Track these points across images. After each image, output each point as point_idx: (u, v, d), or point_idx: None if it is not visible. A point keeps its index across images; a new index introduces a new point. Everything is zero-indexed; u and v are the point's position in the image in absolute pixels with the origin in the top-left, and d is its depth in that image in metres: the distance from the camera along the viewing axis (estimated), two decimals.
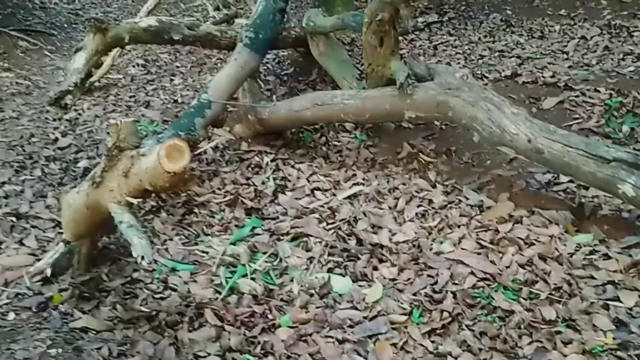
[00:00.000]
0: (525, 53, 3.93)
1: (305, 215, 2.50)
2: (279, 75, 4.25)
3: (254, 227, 2.41)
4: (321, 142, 3.25)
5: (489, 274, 1.96)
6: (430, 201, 2.53)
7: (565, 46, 4.00)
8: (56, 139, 3.63)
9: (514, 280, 1.92)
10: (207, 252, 2.25)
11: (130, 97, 4.37)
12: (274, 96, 3.11)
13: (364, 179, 2.79)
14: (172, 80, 4.71)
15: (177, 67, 5.13)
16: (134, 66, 5.29)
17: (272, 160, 3.08)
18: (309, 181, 2.81)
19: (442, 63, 3.89)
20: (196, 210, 2.63)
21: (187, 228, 2.46)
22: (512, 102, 2.41)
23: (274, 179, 2.88)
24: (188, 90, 4.37)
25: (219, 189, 2.84)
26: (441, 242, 2.23)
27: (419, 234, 2.30)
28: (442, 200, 2.52)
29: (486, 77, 3.57)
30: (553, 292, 1.83)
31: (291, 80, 4.13)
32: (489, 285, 1.92)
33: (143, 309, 1.86)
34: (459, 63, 3.89)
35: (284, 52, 4.69)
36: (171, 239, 2.38)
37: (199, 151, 3.22)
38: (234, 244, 2.30)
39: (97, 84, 4.63)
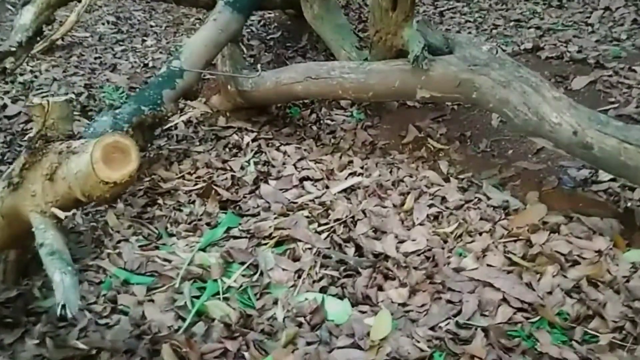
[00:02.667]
0: (545, 24, 3.46)
1: (293, 212, 2.06)
2: (263, 40, 3.74)
3: (229, 228, 1.97)
4: (311, 119, 2.79)
5: (528, 304, 1.54)
6: (444, 199, 2.10)
7: (589, 17, 3.54)
8: (4, 106, 3.11)
9: (560, 313, 1.51)
10: (169, 260, 1.81)
11: (95, 58, 3.83)
12: (259, 65, 2.63)
13: (362, 168, 2.34)
14: (144, 41, 4.17)
15: (152, 26, 4.58)
16: (103, 23, 4.70)
17: (253, 140, 2.62)
18: (296, 168, 2.36)
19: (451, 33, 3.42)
20: (160, 200, 2.17)
21: (147, 225, 2.01)
22: None
23: (255, 163, 2.43)
24: (161, 53, 3.85)
25: (190, 173, 2.38)
26: (460, 254, 1.81)
27: (432, 242, 1.87)
28: (458, 198, 2.09)
29: (503, 51, 3.09)
30: (614, 334, 1.42)
31: (278, 46, 3.62)
32: (528, 319, 1.51)
33: (80, 344, 1.41)
34: (470, 33, 3.42)
35: (270, 13, 4.17)
36: (127, 240, 1.92)
37: (168, 125, 2.75)
38: (203, 249, 1.86)
39: (59, 42, 4.07)
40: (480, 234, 1.91)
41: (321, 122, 2.74)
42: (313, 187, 2.22)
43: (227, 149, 2.57)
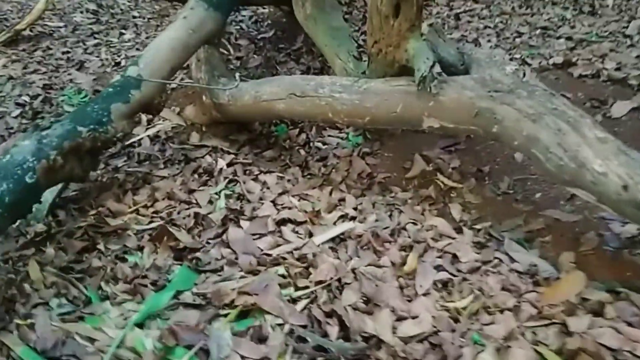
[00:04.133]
0: (576, 33, 3.01)
1: (265, 267, 1.63)
2: (254, 39, 3.30)
3: (179, 291, 1.54)
4: (300, 141, 2.35)
5: None
6: (455, 258, 1.67)
7: (626, 27, 3.08)
8: None
9: None
10: (93, 340, 1.38)
11: (63, 53, 3.41)
12: (237, 74, 2.19)
13: (356, 209, 1.91)
14: (122, 34, 3.74)
15: (134, 17, 4.14)
16: (82, 12, 4.29)
17: (229, 165, 2.18)
18: (276, 206, 1.93)
19: (467, 40, 2.97)
20: (102, 244, 1.74)
21: (76, 283, 1.58)
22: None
23: (227, 196, 2.00)
24: (138, 49, 3.41)
25: (146, 206, 1.95)
26: (476, 342, 1.38)
27: (440, 322, 1.44)
28: (474, 258, 1.65)
29: (528, 64, 2.65)
30: None
31: (269, 48, 3.18)
32: None
33: None
34: (489, 41, 2.96)
35: (264, 9, 3.72)
36: (46, 303, 1.50)
37: (131, 141, 2.32)
38: (141, 323, 1.43)
39: (26, 32, 3.64)
40: (502, 311, 1.48)
41: (311, 144, 2.30)
42: (293, 233, 1.79)
43: (196, 175, 2.13)
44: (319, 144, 2.30)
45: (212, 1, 2.29)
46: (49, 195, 1.85)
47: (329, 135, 2.34)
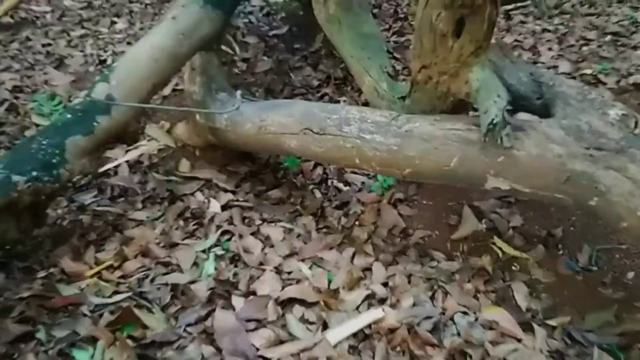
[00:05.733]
0: None
1: None
2: (264, 37, 2.80)
3: None
4: (315, 178, 1.87)
5: None
6: None
7: None
8: None
9: None
10: None
11: (43, 45, 2.93)
12: (238, 92, 1.71)
13: (386, 285, 1.44)
14: (113, 23, 3.24)
15: (131, 2, 3.64)
16: None
17: (224, 207, 1.72)
18: (280, 275, 1.47)
19: (522, 47, 2.44)
20: (42, 332, 1.29)
21: None
22: None
23: (218, 257, 1.53)
24: (129, 42, 2.93)
25: (112, 267, 1.50)
26: None
27: None
28: None
29: (600, 82, 2.14)
30: None
31: (282, 48, 2.68)
32: None
33: None
34: (550, 49, 2.44)
35: None
36: None
37: (106, 167, 1.87)
38: None
39: (6, 19, 3.18)
40: None
41: (329, 183, 1.82)
42: (301, 323, 1.33)
43: (181, 221, 1.68)
44: (340, 184, 1.82)
45: None
46: None
47: (352, 172, 1.86)
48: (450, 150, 1.28)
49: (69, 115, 1.47)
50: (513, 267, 1.49)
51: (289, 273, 1.47)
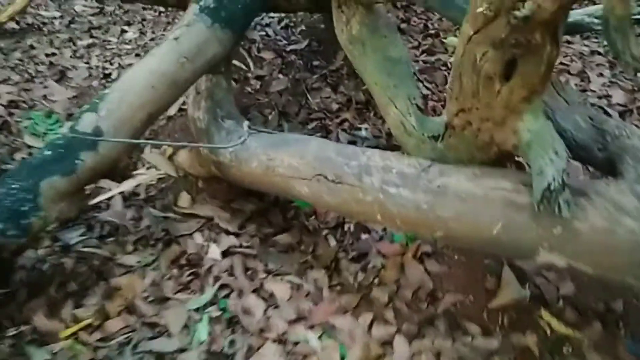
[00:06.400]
0: None
1: None
2: (281, 52, 2.59)
3: None
4: (329, 221, 1.65)
5: None
6: None
7: None
8: None
9: None
10: None
11: (47, 55, 2.76)
12: (245, 124, 1.51)
13: None
14: (123, 31, 3.07)
15: (144, 9, 3.46)
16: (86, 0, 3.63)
17: (224, 254, 1.51)
18: (285, 346, 1.25)
19: (569, 73, 2.20)
20: None
21: None
22: None
23: (213, 319, 1.32)
24: (137, 54, 2.75)
25: (91, 326, 1.30)
26: None
27: None
28: None
29: None
30: None
31: (300, 65, 2.47)
32: None
33: None
34: (601, 74, 2.18)
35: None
36: None
37: (98, 200, 1.68)
38: None
39: (11, 25, 3.03)
40: None
41: (345, 229, 1.60)
42: None
43: (175, 269, 1.47)
44: (357, 230, 1.59)
45: (219, 14, 1.61)
46: None
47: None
48: (493, 214, 1.05)
49: (47, 152, 1.27)
50: (564, 349, 1.25)
51: (295, 344, 1.26)
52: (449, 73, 2.31)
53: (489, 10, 0.92)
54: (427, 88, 2.21)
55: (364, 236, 1.57)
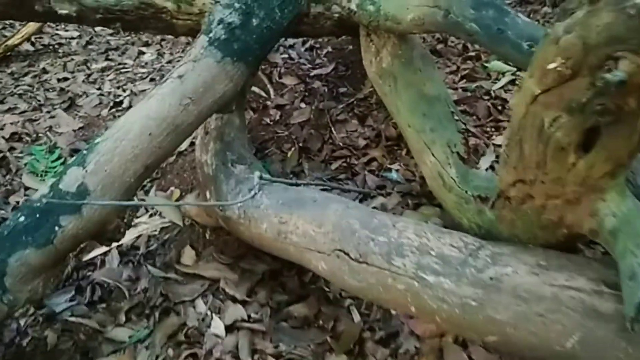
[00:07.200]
0: None
1: None
2: (304, 77, 2.38)
3: None
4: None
5: None
6: None
7: None
8: None
9: None
10: None
11: (59, 80, 2.62)
12: (257, 174, 1.30)
13: None
14: (141, 53, 2.91)
15: None
16: None
17: (228, 329, 1.30)
18: None
19: None
20: None
21: None
22: None
23: None
24: (153, 79, 2.58)
25: None
26: None
27: None
28: None
29: None
30: None
31: (324, 93, 2.25)
32: None
33: None
34: None
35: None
36: None
37: (92, 255, 1.50)
38: None
39: (26, 47, 2.90)
40: None
41: (372, 303, 1.36)
42: None
43: (171, 348, 1.26)
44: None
45: (231, 47, 1.41)
46: None
47: None
48: (566, 323, 0.81)
49: (21, 218, 1.08)
50: None
51: None
52: (492, 104, 2.06)
53: (565, 67, 0.68)
54: (468, 121, 1.97)
55: (394, 310, 1.33)
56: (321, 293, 1.39)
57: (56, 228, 1.08)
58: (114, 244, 1.54)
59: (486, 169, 1.73)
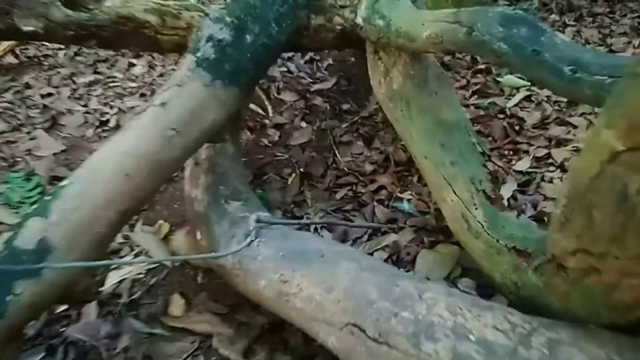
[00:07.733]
0: None
1: None
2: (305, 93, 2.19)
3: None
4: None
5: None
6: None
7: None
8: None
9: None
10: None
11: (42, 96, 2.43)
12: (253, 216, 1.12)
13: None
14: (131, 65, 2.72)
15: None
16: None
17: None
18: None
19: None
20: None
21: None
22: None
23: None
24: (144, 94, 2.40)
25: None
26: None
27: None
28: None
29: None
30: None
31: (326, 111, 2.07)
32: None
33: None
34: None
35: None
36: None
37: (62, 309, 1.31)
38: None
39: (10, 60, 2.72)
40: None
41: None
42: None
43: None
44: None
45: (221, 68, 1.23)
46: None
47: None
48: None
49: None
50: None
51: None
52: (509, 123, 1.88)
53: None
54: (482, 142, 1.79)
55: None
56: (329, 353, 1.20)
57: (8, 297, 0.90)
58: (92, 298, 1.36)
59: (507, 199, 1.55)
